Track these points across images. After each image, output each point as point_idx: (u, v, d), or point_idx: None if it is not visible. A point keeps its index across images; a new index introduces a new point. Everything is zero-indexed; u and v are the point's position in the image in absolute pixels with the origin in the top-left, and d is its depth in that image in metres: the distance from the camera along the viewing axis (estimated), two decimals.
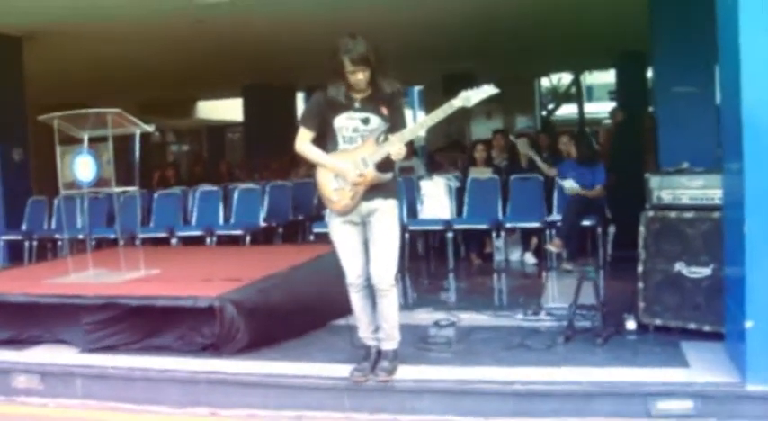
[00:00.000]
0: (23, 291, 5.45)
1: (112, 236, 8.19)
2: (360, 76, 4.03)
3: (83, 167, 5.79)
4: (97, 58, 11.79)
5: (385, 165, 4.14)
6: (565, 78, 22.82)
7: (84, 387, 4.82)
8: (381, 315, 4.23)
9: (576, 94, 20.76)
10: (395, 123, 4.15)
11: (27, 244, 9.49)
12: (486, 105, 19.53)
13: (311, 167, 4.56)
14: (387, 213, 4.18)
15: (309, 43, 8.12)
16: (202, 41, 11.17)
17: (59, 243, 8.41)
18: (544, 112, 22.26)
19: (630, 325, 4.90)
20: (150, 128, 5.82)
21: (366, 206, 4.17)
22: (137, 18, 9.47)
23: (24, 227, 9.77)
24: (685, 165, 4.95)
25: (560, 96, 22.79)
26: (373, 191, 4.15)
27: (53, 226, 9.31)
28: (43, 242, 9.44)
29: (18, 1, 8.43)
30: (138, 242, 8.30)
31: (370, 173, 4.10)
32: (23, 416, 4.70)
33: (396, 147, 4.03)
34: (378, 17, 10.23)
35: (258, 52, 11.87)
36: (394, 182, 4.29)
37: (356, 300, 4.33)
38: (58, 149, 5.92)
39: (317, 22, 8.26)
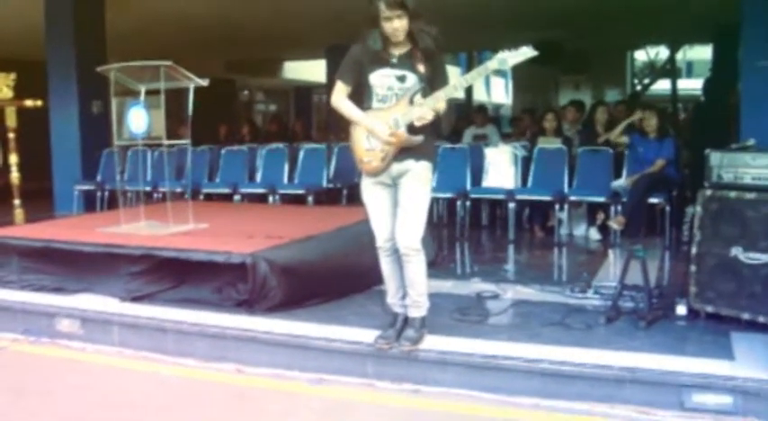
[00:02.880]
0: (74, 238, 5.57)
1: (179, 189, 8.27)
2: (396, 24, 3.85)
3: (136, 119, 5.83)
4: (181, 15, 11.89)
5: (418, 126, 3.97)
6: (663, 53, 22.01)
7: (121, 335, 4.92)
8: (408, 280, 4.10)
9: (670, 68, 19.95)
10: (434, 80, 3.97)
11: (99, 194, 9.73)
12: (575, 77, 19.10)
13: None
14: (417, 175, 4.03)
15: None
16: (283, 1, 11.13)
17: (128, 194, 8.56)
18: (639, 87, 21.57)
19: (681, 310, 4.63)
20: (204, 82, 5.78)
21: (397, 167, 4.03)
22: None
23: (99, 177, 9.99)
24: (751, 142, 4.63)
25: (657, 71, 21.99)
26: (405, 152, 4.00)
27: (125, 177, 9.48)
28: (115, 192, 9.63)
29: None
30: (201, 196, 8.48)
31: (401, 134, 3.95)
32: (64, 359, 4.84)
33: (420, 111, 3.87)
34: None
35: (340, 12, 11.76)
36: (429, 143, 4.12)
37: (385, 264, 4.21)
38: (114, 101, 5.98)
39: None
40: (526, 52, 3.82)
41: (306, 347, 4.35)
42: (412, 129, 3.95)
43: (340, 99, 4.12)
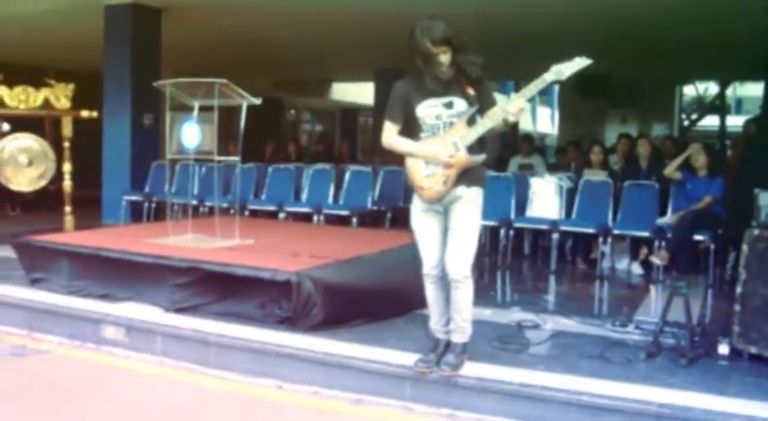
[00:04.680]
0: (123, 247, 5.69)
1: (225, 204, 8.39)
2: (442, 59, 3.91)
3: (189, 134, 5.96)
4: (233, 33, 12.10)
5: (477, 148, 4.02)
6: (712, 88, 21.86)
7: (164, 345, 5.01)
8: (454, 306, 4.13)
9: (719, 104, 19.77)
10: (482, 106, 4.00)
11: (147, 205, 9.93)
12: (622, 109, 19.02)
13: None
14: (469, 202, 4.06)
15: None
16: (334, 23, 11.29)
17: (175, 207, 8.70)
18: (687, 122, 21.41)
19: (723, 349, 4.59)
20: (257, 100, 5.90)
21: (449, 193, 4.06)
22: None
23: (147, 189, 10.18)
24: None
25: (705, 107, 21.81)
26: (458, 178, 4.03)
27: (173, 190, 9.64)
28: (162, 204, 9.80)
29: None
30: (246, 213, 8.59)
31: (462, 156, 3.98)
32: (108, 365, 4.94)
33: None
34: (515, 9, 10.02)
35: (389, 37, 11.87)
36: (480, 169, 4.15)
37: (430, 290, 4.24)
38: (168, 115, 6.12)
39: (452, 6, 8.18)
40: (581, 62, 3.83)
41: (346, 367, 4.39)
42: (472, 149, 3.99)
43: (391, 136, 4.15)
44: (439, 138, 4.04)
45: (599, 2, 9.56)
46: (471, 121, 4.00)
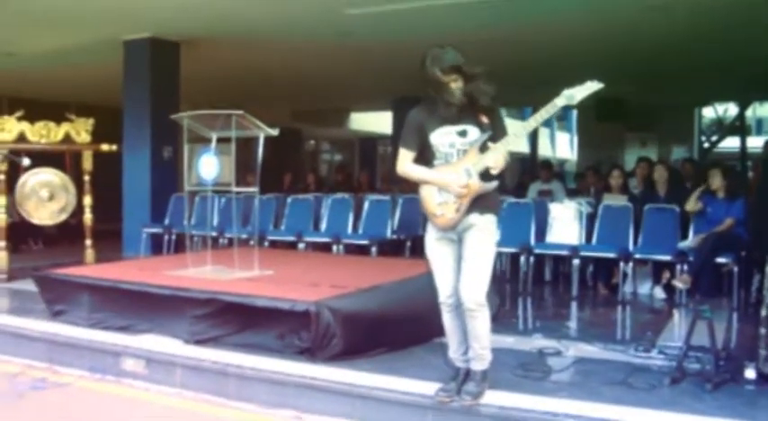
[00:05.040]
0: (142, 279, 5.71)
1: (244, 235, 8.42)
2: (453, 87, 3.92)
3: (207, 166, 6.00)
4: (250, 65, 12.22)
5: (489, 175, 4.00)
6: (732, 110, 21.74)
7: (183, 377, 5.00)
8: (472, 334, 4.08)
9: (739, 126, 19.63)
10: (494, 134, 3.99)
11: (167, 237, 9.98)
12: (641, 133, 18.93)
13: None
14: (482, 229, 4.04)
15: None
16: (350, 54, 11.37)
17: (194, 238, 8.74)
18: (707, 144, 21.27)
19: (749, 374, 4.49)
20: (274, 131, 5.93)
21: (462, 221, 4.05)
22: (282, 29, 9.80)
23: (166, 221, 10.23)
24: None
25: (725, 128, 21.67)
26: (470, 205, 4.02)
27: (193, 222, 9.68)
28: (182, 237, 9.85)
29: (177, 12, 8.93)
30: (265, 243, 8.60)
31: (475, 183, 3.98)
32: (128, 398, 4.94)
33: (494, 157, 3.89)
34: (531, 36, 10.06)
35: (407, 66, 11.93)
36: (493, 196, 4.13)
37: (447, 319, 4.21)
38: (186, 147, 6.16)
39: (468, 35, 8.21)
40: (592, 86, 3.84)
41: (366, 397, 4.35)
42: (484, 176, 3.99)
43: (405, 164, 4.15)
44: (452, 166, 4.03)
45: (615, 27, 9.58)
46: (484, 149, 3.99)
